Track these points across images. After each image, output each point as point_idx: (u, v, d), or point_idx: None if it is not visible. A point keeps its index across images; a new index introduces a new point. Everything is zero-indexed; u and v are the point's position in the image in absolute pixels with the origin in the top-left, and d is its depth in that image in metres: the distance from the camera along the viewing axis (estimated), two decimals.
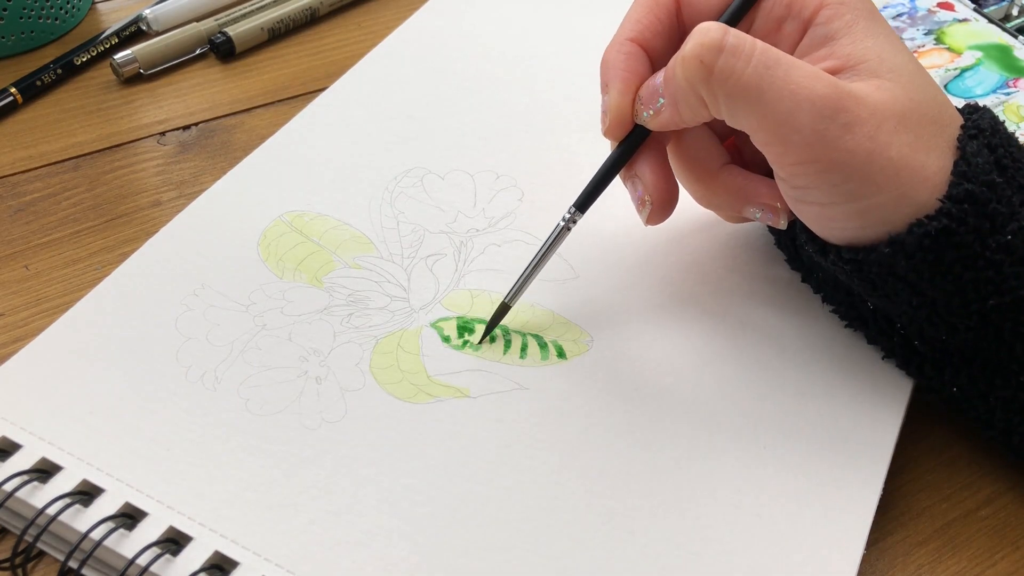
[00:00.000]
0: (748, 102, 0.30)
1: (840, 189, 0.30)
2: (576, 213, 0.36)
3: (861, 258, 0.32)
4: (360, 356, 0.36)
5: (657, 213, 0.36)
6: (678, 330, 0.37)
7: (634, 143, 0.35)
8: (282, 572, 0.30)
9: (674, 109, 0.33)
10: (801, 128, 0.30)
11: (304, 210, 0.42)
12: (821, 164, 0.30)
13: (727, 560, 0.31)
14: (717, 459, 0.33)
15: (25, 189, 0.46)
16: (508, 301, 0.36)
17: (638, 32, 0.35)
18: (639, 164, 0.35)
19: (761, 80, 0.30)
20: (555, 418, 0.34)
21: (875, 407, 0.35)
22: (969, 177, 0.30)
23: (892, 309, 0.34)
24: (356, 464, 0.33)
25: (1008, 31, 0.51)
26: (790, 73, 0.30)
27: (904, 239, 0.30)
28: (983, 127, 0.32)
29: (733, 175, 0.36)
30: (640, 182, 0.35)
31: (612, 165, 0.36)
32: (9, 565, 0.31)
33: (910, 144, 0.30)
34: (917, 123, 0.30)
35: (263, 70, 0.53)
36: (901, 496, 0.35)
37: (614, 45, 0.35)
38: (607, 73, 0.35)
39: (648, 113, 0.34)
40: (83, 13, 0.57)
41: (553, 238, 0.36)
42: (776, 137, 0.30)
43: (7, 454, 0.32)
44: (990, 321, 0.32)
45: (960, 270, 0.31)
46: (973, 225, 0.30)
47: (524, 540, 0.31)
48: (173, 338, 0.36)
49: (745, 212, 0.36)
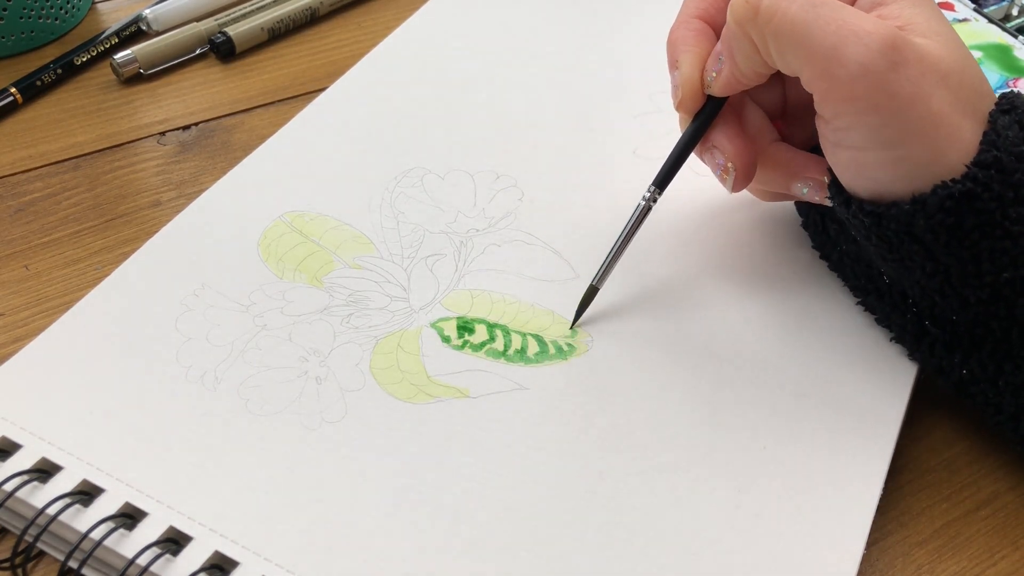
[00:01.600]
0: (795, 39, 0.31)
1: (878, 133, 0.31)
2: (656, 191, 0.37)
3: (882, 211, 0.32)
4: (360, 356, 0.36)
5: (741, 178, 0.36)
6: (678, 330, 0.37)
7: (709, 115, 0.36)
8: (282, 572, 0.30)
9: (732, 62, 0.34)
10: (847, 62, 0.30)
11: (304, 210, 0.42)
12: (864, 103, 0.31)
13: (727, 560, 0.31)
14: (717, 459, 0.33)
15: (25, 189, 0.46)
16: (596, 283, 0.37)
17: (703, 9, 0.36)
18: (715, 135, 0.36)
19: (807, 15, 0.31)
20: (555, 418, 0.34)
21: (875, 407, 0.35)
22: (998, 146, 0.31)
23: (906, 277, 0.34)
24: (356, 464, 0.33)
25: (1008, 31, 0.51)
26: (837, 11, 0.31)
27: (927, 198, 0.31)
28: (1016, 105, 0.32)
29: (782, 151, 0.37)
30: (719, 152, 0.36)
31: (690, 139, 0.37)
32: (9, 565, 0.31)
33: (950, 103, 0.31)
34: (959, 85, 0.31)
35: (263, 70, 0.53)
36: (901, 496, 0.35)
37: (680, 23, 0.36)
38: (676, 49, 0.36)
39: (712, 76, 0.35)
40: (83, 13, 0.57)
41: (636, 217, 0.37)
42: (823, 72, 0.31)
43: (7, 454, 0.32)
44: (1002, 296, 0.32)
45: (978, 237, 0.31)
46: (997, 192, 0.30)
47: (524, 540, 0.31)
48: (173, 338, 0.36)
49: (792, 188, 0.37)
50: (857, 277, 0.37)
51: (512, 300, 0.38)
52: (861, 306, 0.38)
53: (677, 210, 0.42)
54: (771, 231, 0.41)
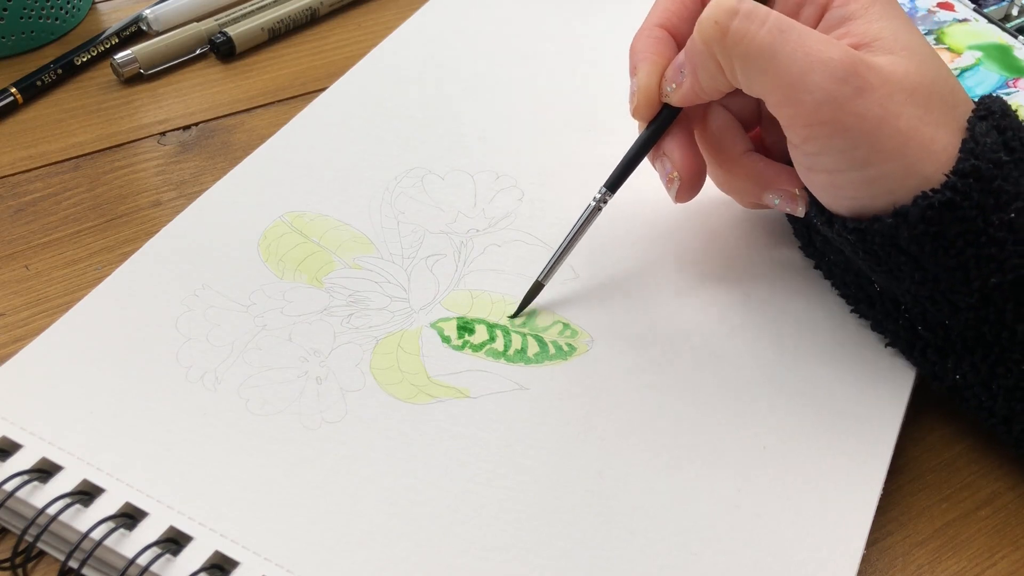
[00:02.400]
0: (761, 64, 0.31)
1: (849, 155, 0.31)
2: (607, 193, 0.37)
3: (865, 227, 0.32)
4: (360, 356, 0.36)
5: (685, 190, 0.37)
6: (678, 330, 0.37)
7: (663, 124, 0.36)
8: (282, 572, 0.30)
9: (694, 77, 0.34)
10: (813, 89, 0.30)
11: (304, 210, 0.42)
12: (831, 127, 0.31)
13: (727, 560, 0.31)
14: (717, 459, 0.33)
15: (25, 189, 0.46)
16: (542, 280, 0.38)
17: (666, 19, 0.36)
18: (667, 143, 0.37)
19: (774, 41, 0.31)
20: (555, 418, 0.34)
21: (875, 407, 0.35)
22: (976, 154, 0.31)
23: (896, 286, 0.34)
24: (356, 464, 0.33)
25: (1008, 31, 0.51)
26: (803, 38, 0.31)
27: (908, 210, 0.31)
28: (994, 110, 0.32)
29: (754, 161, 0.37)
30: (668, 160, 0.36)
31: (642, 145, 0.37)
32: (9, 565, 0.31)
33: (919, 117, 0.31)
34: (927, 99, 0.31)
35: (263, 70, 0.53)
36: (901, 496, 0.35)
37: (643, 31, 0.36)
38: (636, 56, 0.36)
39: (671, 87, 0.35)
40: (83, 13, 0.57)
41: (584, 218, 0.37)
42: (788, 98, 0.31)
43: (7, 454, 0.32)
44: (991, 301, 0.32)
45: (963, 245, 0.31)
46: (977, 201, 0.30)
47: (524, 540, 0.31)
48: (173, 338, 0.36)
49: (764, 198, 0.37)
50: (847, 286, 0.37)
51: (512, 300, 0.38)
52: (856, 313, 0.38)
53: (677, 213, 0.42)
54: (772, 234, 0.41)
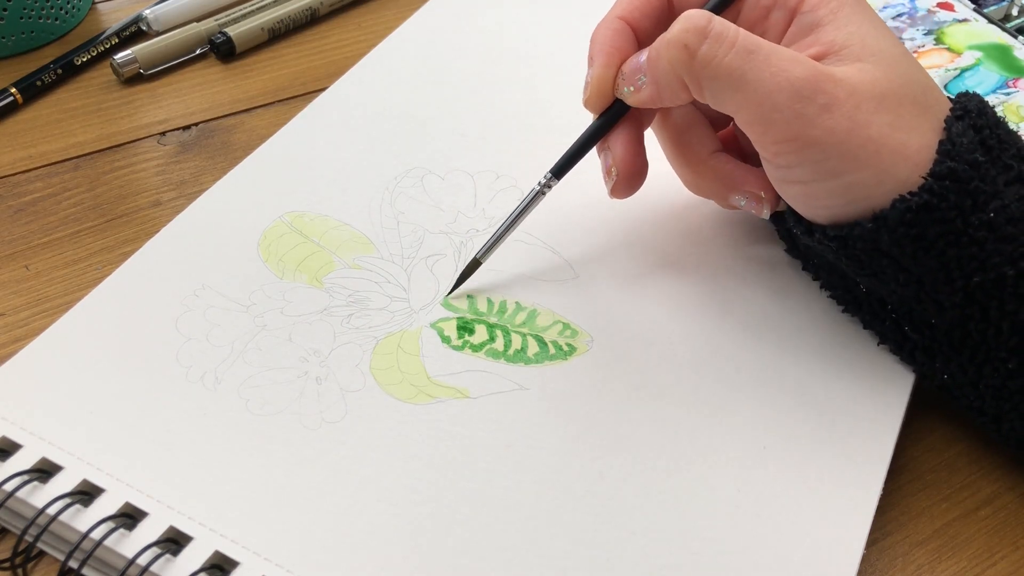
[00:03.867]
0: (730, 85, 0.31)
1: (821, 167, 0.31)
2: (552, 179, 0.37)
3: (845, 234, 0.32)
4: (360, 357, 0.36)
5: (622, 186, 0.37)
6: (678, 330, 0.37)
7: (613, 117, 0.37)
8: (282, 572, 0.30)
9: (655, 88, 0.34)
10: (781, 108, 0.31)
11: (304, 210, 0.42)
12: (801, 142, 0.31)
13: (727, 560, 0.31)
14: (717, 459, 0.33)
15: (25, 189, 0.46)
16: (479, 257, 0.38)
17: (629, 12, 0.36)
18: (612, 137, 0.37)
19: (742, 64, 0.31)
20: (555, 418, 0.34)
21: (875, 407, 0.35)
22: (953, 156, 0.31)
23: (881, 288, 0.34)
24: (356, 464, 0.33)
25: (1008, 31, 0.51)
26: (770, 58, 0.31)
27: (887, 214, 0.31)
28: (969, 109, 0.32)
29: (721, 162, 0.37)
30: (610, 154, 0.37)
31: (590, 136, 0.37)
32: (9, 565, 0.31)
33: (890, 124, 0.31)
34: (898, 104, 0.31)
35: (263, 70, 0.53)
36: (901, 496, 0.35)
37: (604, 22, 0.36)
38: (593, 47, 0.36)
39: (629, 89, 0.35)
40: (83, 13, 0.57)
41: (527, 202, 0.38)
42: (757, 118, 0.32)
43: (7, 454, 0.32)
44: (975, 299, 0.32)
45: (943, 246, 0.31)
46: (955, 202, 0.30)
47: (524, 540, 0.31)
48: (173, 338, 0.36)
49: (731, 200, 0.37)
50: (835, 287, 0.37)
51: (512, 300, 0.38)
52: (847, 314, 0.37)
53: (676, 213, 0.42)
54: (771, 233, 0.41)
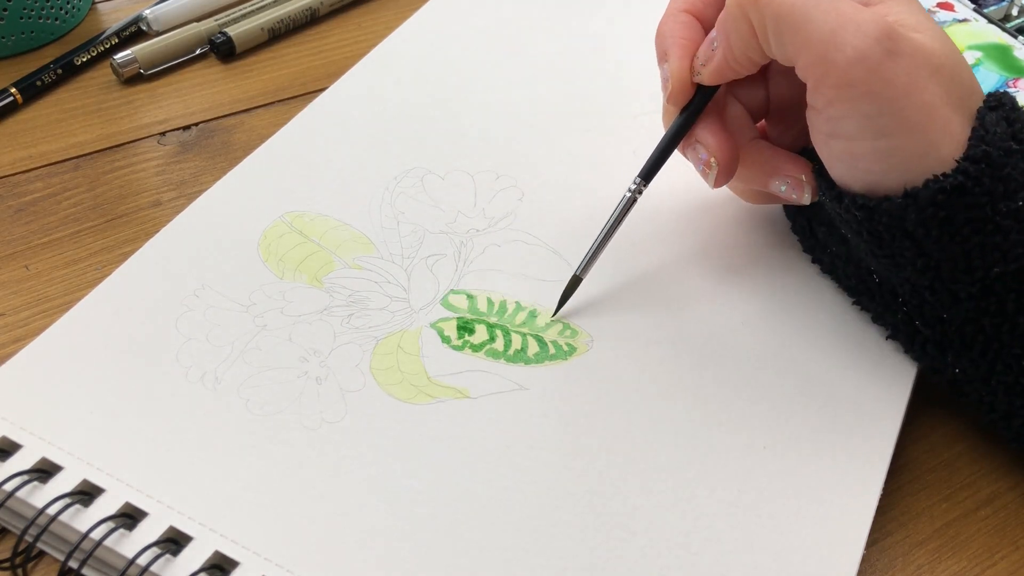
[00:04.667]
0: (794, 22, 0.31)
1: (872, 123, 0.31)
2: (641, 183, 0.37)
3: (874, 205, 0.32)
4: (360, 357, 0.36)
5: (723, 174, 0.37)
6: (678, 330, 0.37)
7: (696, 110, 0.37)
8: (282, 572, 0.30)
9: (727, 45, 0.34)
10: (845, 47, 0.31)
11: (304, 210, 0.42)
12: (859, 89, 0.31)
13: (727, 560, 0.31)
14: (717, 459, 0.33)
15: (25, 189, 0.46)
16: (579, 274, 0.37)
17: (691, 4, 0.36)
18: (698, 130, 0.37)
19: (807, 1, 0.31)
20: (555, 418, 0.34)
21: (875, 407, 0.35)
22: (987, 141, 0.31)
23: (896, 274, 0.34)
24: (356, 464, 0.33)
25: (1008, 31, 0.51)
26: (835, 1, 0.31)
27: (919, 192, 0.31)
28: (1004, 103, 0.33)
29: (761, 148, 0.37)
30: (702, 147, 0.37)
31: (676, 132, 0.37)
32: (9, 565, 0.31)
33: (941, 96, 0.31)
34: (950, 79, 0.31)
35: (263, 70, 0.53)
36: (901, 496, 0.35)
37: (668, 16, 0.37)
38: (664, 42, 0.36)
39: (703, 64, 0.35)
40: (83, 13, 0.57)
41: (621, 209, 0.37)
42: (820, 57, 0.31)
43: (7, 454, 0.32)
44: (993, 291, 0.32)
45: (969, 232, 0.31)
46: (987, 187, 0.31)
47: (524, 540, 0.31)
48: (173, 338, 0.36)
49: (771, 186, 0.37)
50: (848, 278, 0.37)
51: (512, 300, 0.38)
52: (857, 306, 0.38)
53: (677, 211, 0.42)
54: (771, 232, 0.41)
